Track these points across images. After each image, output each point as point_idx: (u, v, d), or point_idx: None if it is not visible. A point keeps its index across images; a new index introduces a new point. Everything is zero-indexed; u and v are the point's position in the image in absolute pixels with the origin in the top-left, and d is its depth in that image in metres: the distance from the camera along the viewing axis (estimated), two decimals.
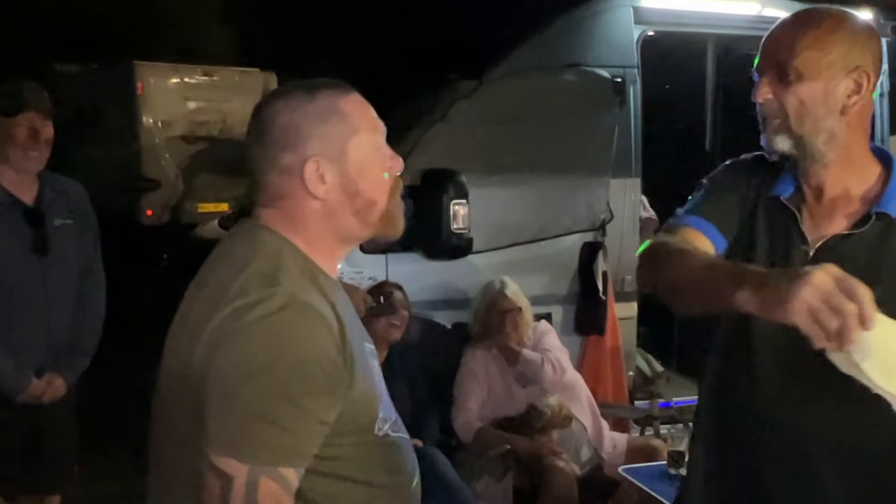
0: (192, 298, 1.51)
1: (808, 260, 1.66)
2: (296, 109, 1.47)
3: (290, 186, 1.48)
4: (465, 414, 4.08)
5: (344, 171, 1.48)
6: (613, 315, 4.81)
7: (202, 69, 9.77)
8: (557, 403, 3.99)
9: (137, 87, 9.22)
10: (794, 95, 1.65)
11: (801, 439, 1.68)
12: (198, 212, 9.14)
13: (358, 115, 1.51)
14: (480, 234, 4.34)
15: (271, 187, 1.50)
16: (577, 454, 4.07)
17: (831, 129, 1.66)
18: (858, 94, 1.66)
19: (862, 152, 1.72)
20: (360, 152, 1.49)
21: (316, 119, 1.47)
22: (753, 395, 1.74)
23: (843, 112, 1.66)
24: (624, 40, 4.86)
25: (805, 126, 1.66)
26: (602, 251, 4.73)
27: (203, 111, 9.60)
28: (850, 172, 1.70)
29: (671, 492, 2.98)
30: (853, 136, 1.69)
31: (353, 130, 1.49)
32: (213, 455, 1.33)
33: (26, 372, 3.07)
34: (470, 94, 4.53)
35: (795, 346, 1.52)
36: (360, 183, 1.49)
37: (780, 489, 1.70)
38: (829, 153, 1.68)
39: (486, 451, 3.94)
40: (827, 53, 1.64)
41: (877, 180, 1.70)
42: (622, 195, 4.87)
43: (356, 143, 1.49)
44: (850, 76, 1.65)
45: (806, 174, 1.73)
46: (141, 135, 9.27)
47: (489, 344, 4.21)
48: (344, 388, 1.41)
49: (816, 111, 1.65)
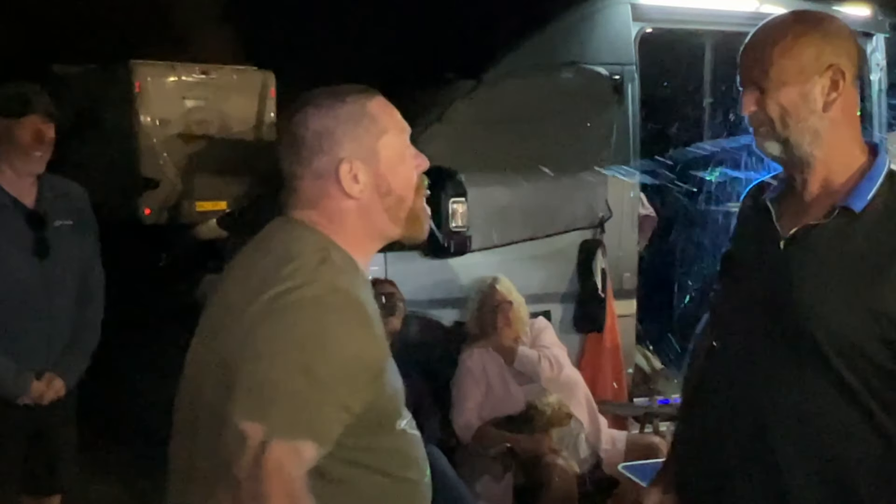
0: (227, 291, 1.54)
1: (780, 251, 1.75)
2: (327, 114, 1.55)
3: (326, 188, 1.55)
4: (464, 413, 4.08)
5: (376, 171, 1.56)
6: (612, 312, 4.81)
7: (200, 68, 9.75)
8: (557, 402, 4.00)
9: (135, 86, 9.21)
10: (774, 102, 1.74)
11: (760, 424, 1.76)
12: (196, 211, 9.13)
13: (386, 117, 1.59)
14: (479, 232, 4.34)
15: (307, 190, 1.57)
16: (576, 452, 4.07)
17: (815, 128, 1.73)
18: (836, 90, 1.72)
19: (848, 146, 1.77)
20: (390, 151, 1.58)
21: (347, 122, 1.55)
22: (718, 380, 1.87)
23: (825, 109, 1.73)
24: (622, 38, 4.85)
25: (790, 129, 1.74)
26: (601, 249, 4.73)
27: (201, 110, 9.59)
28: (835, 166, 1.76)
29: None
30: (838, 131, 1.75)
31: (382, 131, 1.57)
32: (236, 418, 1.36)
33: (27, 374, 3.07)
34: (468, 93, 4.52)
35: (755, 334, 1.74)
36: (391, 181, 1.57)
37: (740, 471, 1.79)
38: (815, 151, 1.75)
39: (486, 451, 3.94)
40: (798, 60, 1.72)
41: (856, 174, 1.75)
42: (621, 193, 4.87)
43: (386, 143, 1.57)
44: (826, 75, 1.72)
45: (794, 172, 1.80)
46: (139, 134, 9.26)
47: (486, 343, 4.21)
48: (376, 381, 1.46)
49: (798, 113, 1.73)
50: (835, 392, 1.68)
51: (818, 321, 1.67)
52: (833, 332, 1.66)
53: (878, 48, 5.46)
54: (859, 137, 1.79)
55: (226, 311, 1.51)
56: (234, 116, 9.83)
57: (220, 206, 8.69)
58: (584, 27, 4.80)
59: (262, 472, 1.32)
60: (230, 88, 9.79)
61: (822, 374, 1.68)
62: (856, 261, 1.67)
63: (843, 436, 1.69)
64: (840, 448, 1.70)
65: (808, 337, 1.68)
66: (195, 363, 1.56)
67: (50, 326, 3.13)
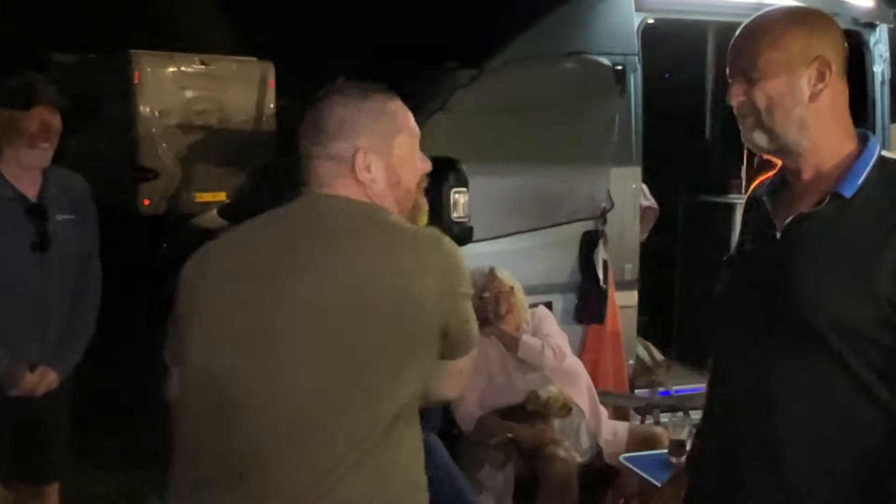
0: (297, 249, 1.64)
1: (776, 241, 1.80)
2: (350, 105, 1.69)
3: (341, 170, 1.69)
4: (465, 403, 4.07)
5: (388, 164, 1.71)
6: (614, 304, 4.80)
7: (199, 58, 9.74)
8: (557, 391, 3.99)
9: (134, 77, 9.20)
10: (761, 92, 1.78)
11: (765, 412, 1.78)
12: (196, 201, 9.13)
13: (403, 118, 1.75)
14: (481, 222, 4.32)
15: (323, 171, 1.70)
16: (577, 442, 4.07)
17: (801, 118, 1.77)
18: (823, 81, 1.76)
19: (836, 135, 1.80)
20: (403, 150, 1.74)
21: (368, 116, 1.70)
22: (723, 371, 1.93)
23: (811, 100, 1.77)
24: (624, 28, 4.83)
25: (776, 119, 1.78)
26: (603, 240, 4.73)
27: (200, 100, 9.58)
28: (825, 155, 1.80)
29: None
30: (825, 121, 1.78)
31: (398, 130, 1.73)
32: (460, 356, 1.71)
33: (21, 366, 3.06)
34: (470, 83, 4.51)
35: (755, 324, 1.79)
36: (402, 174, 1.74)
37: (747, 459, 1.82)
38: (802, 141, 1.78)
39: (487, 440, 3.94)
40: (785, 51, 1.76)
41: (846, 161, 1.78)
42: (623, 183, 4.86)
43: (400, 142, 1.73)
44: (812, 66, 1.76)
45: (785, 163, 1.85)
46: (138, 124, 9.26)
47: (488, 332, 4.19)
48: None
49: (784, 103, 1.77)
50: (838, 376, 1.70)
51: (815, 307, 1.69)
52: (831, 316, 1.68)
53: (882, 39, 5.43)
54: (849, 127, 1.82)
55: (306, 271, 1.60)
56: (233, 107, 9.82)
57: (220, 196, 8.69)
58: (587, 17, 4.79)
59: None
60: (230, 79, 9.78)
61: (824, 359, 1.70)
62: (849, 245, 1.70)
63: (848, 419, 1.71)
64: (846, 431, 1.72)
65: (806, 323, 1.70)
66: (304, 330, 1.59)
67: (46, 319, 3.12)
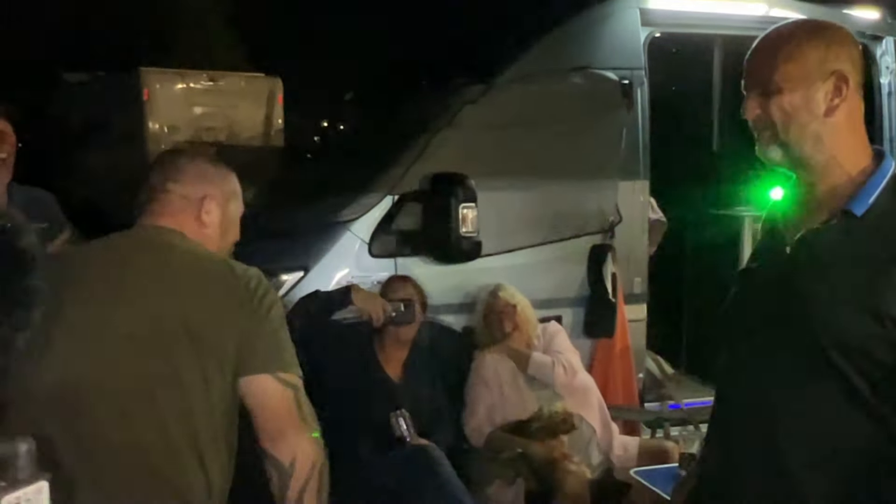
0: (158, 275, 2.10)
1: (786, 256, 1.78)
2: (209, 163, 2.24)
3: (187, 208, 2.16)
4: (475, 419, 4.08)
5: (224, 216, 2.22)
6: (623, 317, 4.80)
7: (208, 75, 9.79)
8: (561, 407, 3.98)
9: (144, 93, 9.25)
10: (777, 106, 1.76)
11: (769, 430, 1.77)
12: None
13: (239, 190, 2.27)
14: (489, 237, 4.33)
15: (173, 203, 2.16)
16: (588, 457, 4.06)
17: (817, 132, 1.75)
18: (840, 96, 1.74)
19: (852, 151, 1.78)
20: (235, 213, 2.27)
21: (219, 176, 2.24)
22: (729, 387, 1.92)
23: (827, 114, 1.75)
24: (631, 42, 4.85)
25: (791, 133, 1.76)
26: (611, 253, 4.72)
27: (209, 117, 9.62)
28: (839, 171, 1.77)
29: None
30: (840, 135, 1.77)
31: (236, 196, 2.27)
32: (277, 372, 2.01)
33: None
34: (478, 98, 4.52)
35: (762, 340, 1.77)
36: (230, 230, 2.26)
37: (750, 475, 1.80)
38: (817, 155, 1.77)
39: (498, 455, 3.93)
40: (803, 65, 1.74)
41: (860, 178, 1.76)
42: (630, 197, 4.87)
43: (235, 206, 2.27)
44: (829, 80, 1.74)
45: (800, 178, 1.83)
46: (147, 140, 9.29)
47: (499, 348, 4.20)
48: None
49: (800, 118, 1.75)
50: (842, 396, 1.67)
51: (822, 324, 1.67)
52: (837, 335, 1.66)
53: (888, 51, 5.45)
54: (865, 143, 1.80)
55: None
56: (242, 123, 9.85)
57: None
58: (594, 32, 4.80)
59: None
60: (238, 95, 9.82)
61: (829, 377, 1.68)
62: (857, 264, 1.68)
63: (851, 439, 1.69)
64: (849, 451, 1.70)
65: (812, 341, 1.68)
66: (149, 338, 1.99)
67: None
